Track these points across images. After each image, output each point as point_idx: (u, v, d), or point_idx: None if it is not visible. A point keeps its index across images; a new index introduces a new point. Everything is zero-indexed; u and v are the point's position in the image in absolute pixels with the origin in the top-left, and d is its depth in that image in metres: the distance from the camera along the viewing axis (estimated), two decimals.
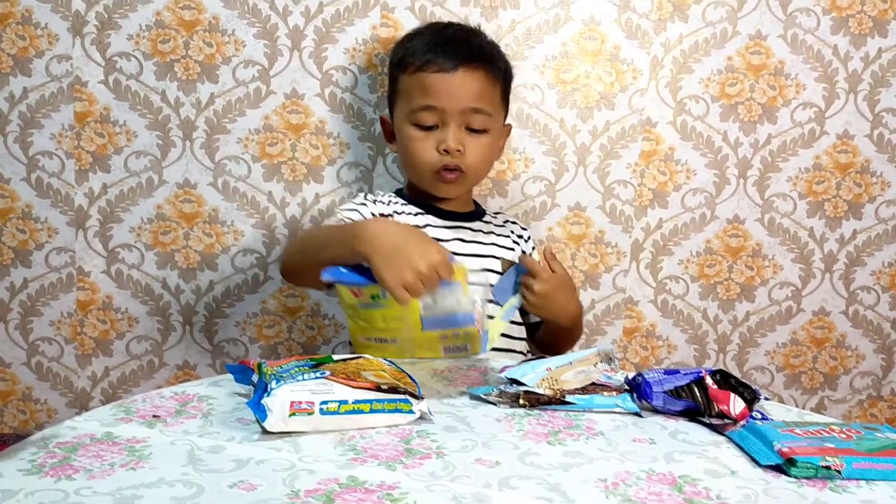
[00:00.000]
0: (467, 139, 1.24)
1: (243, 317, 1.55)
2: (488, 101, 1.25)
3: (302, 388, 0.80)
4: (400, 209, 1.30)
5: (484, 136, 1.26)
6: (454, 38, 1.27)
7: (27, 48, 1.43)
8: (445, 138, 1.23)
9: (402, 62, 1.27)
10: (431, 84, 1.22)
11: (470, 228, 1.32)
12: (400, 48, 1.30)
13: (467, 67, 1.23)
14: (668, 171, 1.54)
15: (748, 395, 0.89)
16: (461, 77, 1.22)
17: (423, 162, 1.25)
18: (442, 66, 1.22)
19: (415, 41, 1.28)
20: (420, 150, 1.25)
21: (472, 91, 1.23)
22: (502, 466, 0.74)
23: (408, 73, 1.25)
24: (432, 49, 1.24)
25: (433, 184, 1.28)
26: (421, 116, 1.24)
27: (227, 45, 1.45)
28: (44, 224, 1.49)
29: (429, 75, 1.22)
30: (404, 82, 1.26)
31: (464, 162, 1.24)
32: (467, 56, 1.23)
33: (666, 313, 1.60)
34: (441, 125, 1.24)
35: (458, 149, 1.23)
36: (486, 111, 1.25)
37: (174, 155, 1.48)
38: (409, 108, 1.25)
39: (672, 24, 1.49)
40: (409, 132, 1.25)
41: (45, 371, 1.54)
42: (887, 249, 1.60)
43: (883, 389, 1.67)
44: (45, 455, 0.71)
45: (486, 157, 1.29)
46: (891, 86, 1.54)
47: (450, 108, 1.22)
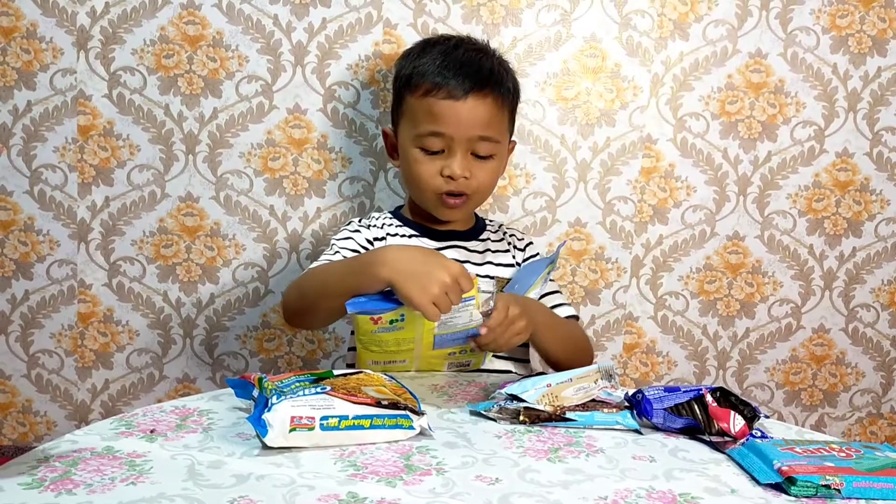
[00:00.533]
0: (473, 165, 1.22)
1: (244, 330, 1.55)
2: (496, 129, 1.23)
3: (302, 404, 0.80)
4: (394, 231, 1.29)
5: (490, 161, 1.24)
6: (465, 60, 1.22)
7: (32, 62, 1.44)
8: (451, 165, 1.20)
9: (409, 81, 1.23)
10: (440, 111, 1.19)
11: (465, 248, 1.31)
12: (407, 64, 1.25)
13: (477, 95, 1.19)
14: (669, 188, 1.55)
15: (748, 412, 0.89)
16: (470, 105, 1.19)
17: (427, 186, 1.22)
18: (451, 92, 1.18)
19: (424, 59, 1.23)
20: (424, 173, 1.22)
21: (481, 119, 1.20)
22: (502, 483, 0.74)
23: (416, 96, 1.21)
24: (442, 72, 1.19)
25: (436, 207, 1.26)
26: (427, 142, 1.20)
27: (230, 61, 1.46)
28: (46, 236, 1.49)
29: (438, 101, 1.19)
30: (411, 103, 1.22)
31: (469, 187, 1.22)
32: (477, 82, 1.19)
33: (666, 329, 1.60)
34: (447, 150, 1.21)
35: (464, 176, 1.21)
36: (494, 138, 1.22)
37: (177, 169, 1.48)
38: (415, 131, 1.21)
39: (673, 43, 1.50)
40: (414, 154, 1.22)
41: (45, 383, 1.54)
42: (887, 267, 1.61)
43: (883, 407, 1.67)
44: (45, 469, 0.71)
45: (491, 181, 1.27)
46: (890, 104, 1.55)
47: (458, 136, 1.19)
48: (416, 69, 1.23)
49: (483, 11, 1.47)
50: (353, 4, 1.45)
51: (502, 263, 1.32)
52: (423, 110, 1.20)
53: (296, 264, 1.53)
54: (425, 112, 1.20)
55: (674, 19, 1.49)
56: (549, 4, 1.48)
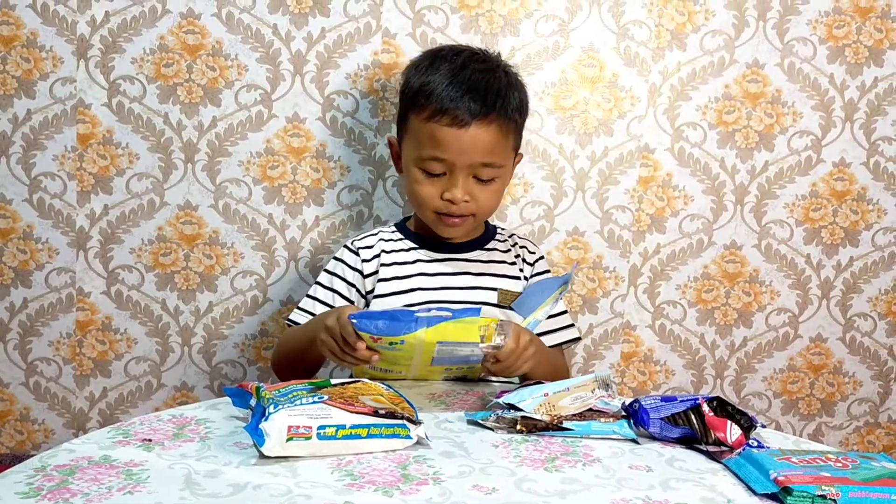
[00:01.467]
0: (475, 188, 1.22)
1: (242, 338, 1.55)
2: (499, 154, 1.22)
3: (300, 413, 0.80)
4: (391, 247, 1.30)
5: (493, 183, 1.23)
6: (471, 84, 1.20)
7: (31, 70, 1.44)
8: (452, 190, 1.20)
9: (415, 101, 1.21)
10: (443, 137, 1.18)
11: (465, 259, 1.30)
12: (414, 78, 1.24)
13: (480, 122, 1.18)
14: (666, 197, 1.55)
15: (745, 422, 0.89)
16: (474, 133, 1.18)
17: (428, 206, 1.23)
18: (455, 120, 1.17)
19: (431, 78, 1.21)
20: (425, 194, 1.22)
21: (484, 146, 1.19)
22: (499, 493, 0.74)
23: (420, 118, 1.20)
24: (448, 96, 1.18)
25: (435, 225, 1.26)
26: (429, 165, 1.21)
27: (229, 70, 1.46)
28: (44, 245, 1.50)
29: (441, 128, 1.18)
30: (415, 124, 1.21)
31: (469, 210, 1.22)
32: (482, 109, 1.18)
33: (664, 338, 1.60)
34: (448, 174, 1.20)
35: (464, 200, 1.21)
36: (497, 164, 1.21)
37: (176, 177, 1.49)
38: (417, 153, 1.21)
39: (670, 53, 1.51)
40: (416, 175, 1.22)
41: (44, 391, 1.54)
42: (884, 276, 1.61)
43: (880, 416, 1.67)
44: (42, 478, 0.71)
45: (495, 200, 1.26)
46: (887, 114, 1.56)
47: (459, 162, 1.19)
48: (422, 88, 1.21)
49: (482, 21, 1.48)
50: (352, 14, 1.46)
51: (507, 275, 1.30)
52: (426, 134, 1.19)
53: (294, 273, 1.53)
54: (428, 136, 1.19)
55: (671, 30, 1.50)
56: (548, 14, 1.49)
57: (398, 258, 1.29)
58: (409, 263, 1.28)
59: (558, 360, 1.30)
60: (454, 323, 0.95)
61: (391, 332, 0.94)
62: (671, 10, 1.50)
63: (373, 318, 0.96)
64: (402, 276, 1.27)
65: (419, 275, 1.27)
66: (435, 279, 1.27)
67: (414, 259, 1.29)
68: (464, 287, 1.27)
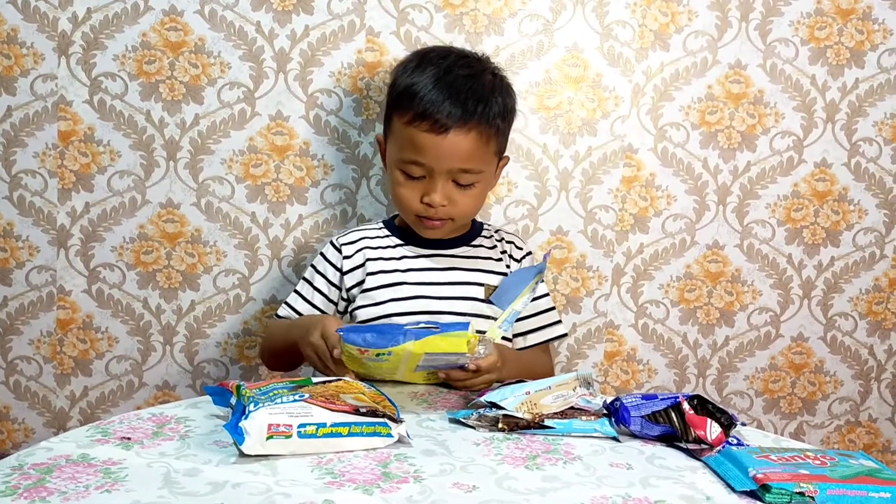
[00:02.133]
0: (454, 192, 1.22)
1: (224, 337, 1.54)
2: (478, 161, 1.22)
3: (280, 411, 0.80)
4: (377, 243, 1.30)
5: (472, 188, 1.24)
6: (454, 89, 1.19)
7: (12, 67, 1.43)
8: (431, 194, 1.21)
9: (399, 102, 1.22)
10: (421, 143, 1.19)
11: (451, 255, 1.31)
12: (401, 78, 1.24)
13: (459, 129, 1.18)
14: (649, 197, 1.56)
15: (725, 420, 0.89)
16: (452, 140, 1.18)
17: (408, 208, 1.24)
18: (433, 126, 1.18)
19: (416, 80, 1.21)
20: (405, 196, 1.24)
21: (462, 153, 1.19)
22: (480, 491, 0.74)
23: (402, 121, 1.21)
24: (429, 100, 1.18)
25: (417, 226, 1.27)
26: (409, 168, 1.21)
27: (212, 67, 1.46)
28: (25, 242, 1.48)
29: (420, 133, 1.18)
30: (397, 126, 1.22)
31: (449, 213, 1.23)
32: (462, 116, 1.18)
33: (646, 337, 1.61)
34: (428, 177, 1.21)
35: (443, 204, 1.21)
36: (476, 170, 1.22)
37: (158, 175, 1.48)
38: (398, 155, 1.22)
39: (653, 53, 1.51)
40: (397, 176, 1.24)
41: (24, 390, 1.53)
42: (864, 276, 1.62)
43: (861, 415, 1.68)
44: (19, 476, 0.70)
45: (475, 205, 1.27)
46: (868, 115, 1.57)
47: (438, 167, 1.20)
48: (406, 90, 1.21)
49: (466, 20, 1.48)
50: (335, 12, 1.45)
51: (493, 271, 1.31)
52: (406, 138, 1.20)
53: (277, 271, 1.52)
54: (408, 140, 1.20)
55: (654, 30, 1.51)
56: (532, 14, 1.49)
57: (384, 254, 1.30)
58: (396, 259, 1.29)
59: (538, 365, 1.31)
60: (442, 336, 0.96)
61: (379, 345, 0.95)
62: (655, 11, 1.50)
63: (359, 331, 0.97)
64: (389, 269, 1.28)
65: (407, 270, 1.28)
66: (421, 274, 1.28)
67: (400, 255, 1.29)
68: (450, 282, 1.28)
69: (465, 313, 1.25)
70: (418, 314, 1.22)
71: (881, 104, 1.57)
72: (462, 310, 1.25)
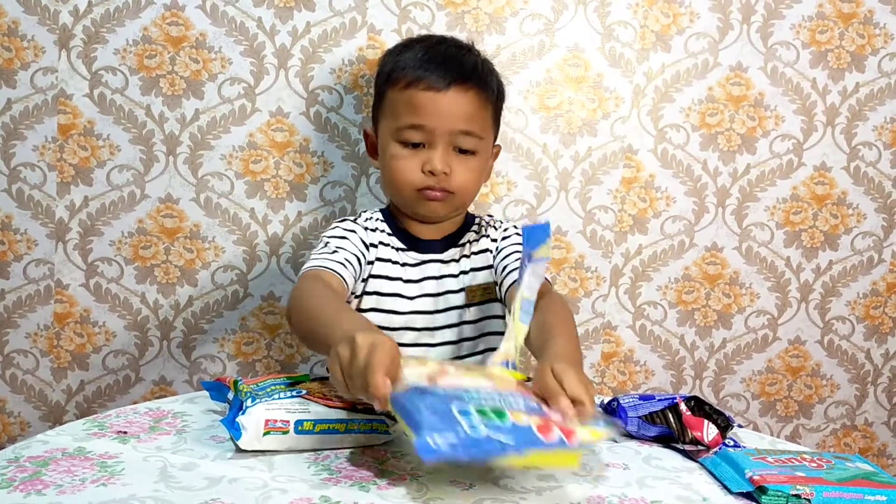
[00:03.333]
0: (455, 161, 1.17)
1: (222, 333, 1.54)
2: (478, 124, 1.19)
3: (277, 407, 0.80)
4: (386, 240, 1.23)
5: (473, 158, 1.19)
6: (447, 54, 1.20)
7: (12, 60, 1.43)
8: (432, 159, 1.16)
9: (390, 76, 1.20)
10: (420, 102, 1.15)
11: (440, 260, 1.24)
12: (389, 60, 1.23)
13: (459, 87, 1.16)
14: (649, 198, 1.56)
15: (722, 422, 0.90)
16: (452, 97, 1.15)
17: (406, 181, 1.18)
18: (433, 84, 1.15)
19: (405, 54, 1.20)
20: (404, 168, 1.17)
21: (463, 112, 1.16)
22: (476, 489, 0.74)
23: (396, 89, 1.18)
24: (424, 65, 1.17)
25: (416, 203, 1.20)
26: (407, 134, 1.17)
27: (213, 62, 1.45)
28: (23, 236, 1.48)
29: (418, 93, 1.15)
30: (391, 97, 1.19)
31: (450, 184, 1.17)
32: (460, 75, 1.16)
33: (644, 339, 1.61)
34: (428, 145, 1.17)
35: (444, 171, 1.16)
36: (477, 133, 1.18)
37: (157, 170, 1.48)
38: (395, 124, 1.18)
39: (654, 54, 1.51)
40: (394, 150, 1.18)
41: (20, 384, 1.53)
42: (862, 280, 1.63)
43: (857, 419, 1.68)
44: (15, 469, 0.70)
45: (474, 180, 1.22)
46: (868, 120, 1.57)
47: (439, 128, 1.15)
48: (397, 63, 1.20)
49: (467, 19, 1.48)
50: (337, 9, 1.45)
51: (479, 267, 1.25)
52: (403, 102, 1.17)
53: (276, 268, 1.52)
54: (406, 104, 1.16)
55: (656, 31, 1.51)
56: (533, 14, 1.49)
57: (391, 255, 1.23)
58: (399, 265, 1.22)
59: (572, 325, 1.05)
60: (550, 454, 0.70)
61: (472, 456, 0.67)
62: (656, 12, 1.50)
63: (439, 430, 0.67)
64: (393, 276, 1.22)
65: (407, 281, 1.22)
66: (420, 285, 1.22)
67: (403, 262, 1.23)
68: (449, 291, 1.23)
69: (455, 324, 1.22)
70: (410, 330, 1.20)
71: (881, 108, 1.57)
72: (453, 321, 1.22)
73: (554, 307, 1.04)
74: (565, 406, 0.73)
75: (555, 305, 1.05)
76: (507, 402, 0.72)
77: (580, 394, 0.75)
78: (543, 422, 0.68)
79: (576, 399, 0.74)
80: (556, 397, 0.74)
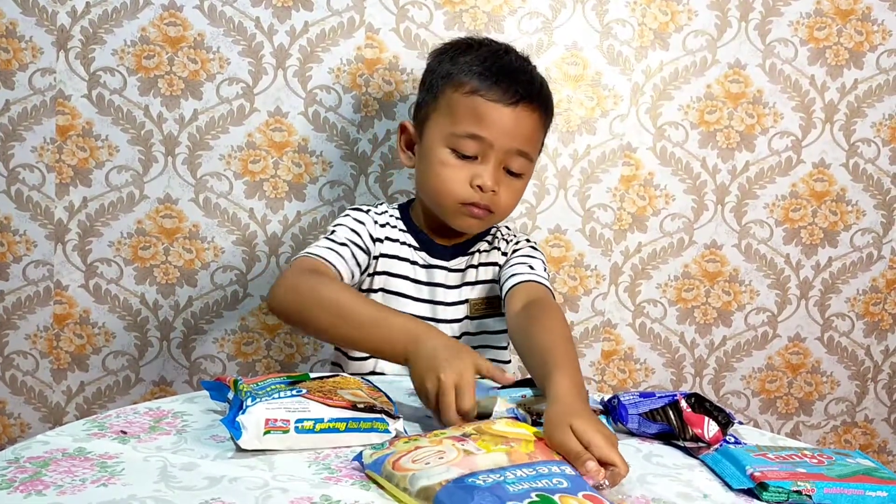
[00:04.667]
0: (503, 180, 1.13)
1: (222, 333, 1.54)
2: (534, 146, 1.15)
3: (278, 406, 0.79)
4: (396, 235, 1.20)
5: (519, 180, 1.15)
6: (518, 68, 1.14)
7: (10, 61, 1.43)
8: (482, 175, 1.10)
9: (451, 76, 1.12)
10: (486, 112, 1.09)
11: (447, 268, 1.21)
12: (447, 59, 1.15)
13: (526, 106, 1.11)
14: (648, 196, 1.56)
15: (722, 418, 0.89)
16: (518, 114, 1.10)
17: (452, 192, 1.12)
18: (502, 97, 1.09)
19: (469, 57, 1.13)
20: (452, 178, 1.11)
21: (526, 132, 1.12)
22: None
23: (461, 91, 1.11)
24: (494, 75, 1.10)
25: (455, 216, 1.14)
26: (464, 143, 1.10)
27: (211, 63, 1.45)
28: (22, 237, 1.48)
29: (486, 103, 1.09)
30: (454, 98, 1.11)
31: (494, 203, 1.13)
32: (529, 93, 1.11)
33: (644, 337, 1.61)
34: (480, 158, 1.11)
35: (493, 189, 1.11)
36: (530, 156, 1.14)
37: (156, 170, 1.48)
38: (451, 129, 1.11)
39: (653, 52, 1.51)
40: (444, 156, 1.12)
41: (20, 385, 1.53)
42: (862, 277, 1.63)
43: (857, 416, 1.68)
44: (15, 470, 0.70)
45: (515, 201, 1.18)
46: (866, 116, 1.57)
47: (497, 143, 1.10)
48: (460, 64, 1.13)
49: (465, 17, 1.48)
50: (335, 8, 1.45)
51: (485, 280, 1.23)
52: (467, 108, 1.10)
53: (275, 268, 1.52)
54: (469, 110, 1.10)
55: (654, 29, 1.51)
56: (531, 12, 1.49)
57: (401, 252, 1.20)
58: (409, 263, 1.20)
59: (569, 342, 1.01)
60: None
61: None
62: (654, 10, 1.50)
63: None
64: (402, 275, 1.20)
65: (415, 281, 1.20)
66: (425, 289, 1.20)
67: (413, 260, 1.20)
68: (447, 302, 1.21)
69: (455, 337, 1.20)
70: None
71: (880, 105, 1.57)
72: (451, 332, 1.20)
73: (553, 324, 1.00)
74: (594, 471, 0.71)
75: (554, 322, 1.01)
76: (549, 481, 0.67)
77: (613, 457, 0.72)
78: (594, 501, 0.66)
79: (607, 462, 0.72)
80: (583, 460, 0.71)
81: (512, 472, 0.69)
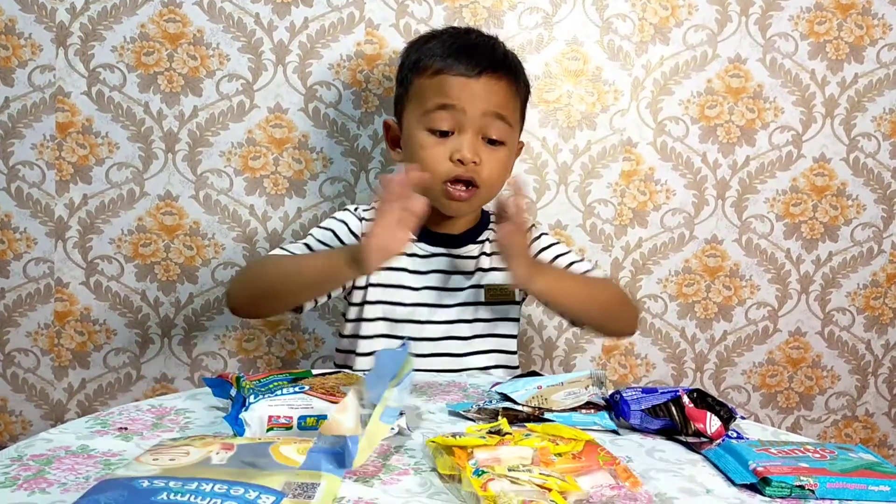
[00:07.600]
0: (484, 151, 1.14)
1: (223, 330, 1.54)
2: (509, 111, 1.16)
3: (280, 403, 0.80)
4: None
5: (501, 148, 1.16)
6: (478, 43, 1.17)
7: (10, 58, 1.43)
8: (461, 147, 1.12)
9: (417, 64, 1.16)
10: (452, 85, 1.12)
11: (457, 255, 1.23)
12: (414, 51, 1.20)
13: (491, 75, 1.13)
14: (648, 191, 1.56)
15: (724, 413, 0.89)
16: (484, 83, 1.13)
17: (435, 171, 1.12)
18: (464, 70, 1.12)
19: (432, 43, 1.18)
20: (431, 157, 1.13)
21: (497, 99, 1.14)
22: None
23: (425, 76, 1.14)
24: (454, 53, 1.14)
25: (441, 199, 1.16)
26: (436, 117, 1.13)
27: (211, 59, 1.45)
28: (23, 234, 1.48)
29: (451, 77, 1.13)
30: (419, 85, 1.15)
31: (478, 175, 1.14)
32: (491, 63, 1.14)
33: (644, 332, 1.61)
34: (457, 132, 1.13)
35: (473, 160, 1.12)
36: (508, 120, 1.15)
37: (156, 167, 1.48)
38: (422, 109, 1.14)
39: (653, 47, 1.51)
40: (421, 138, 1.14)
41: (21, 382, 1.53)
42: (862, 271, 1.63)
43: (857, 410, 1.69)
44: (19, 468, 0.70)
45: (501, 173, 1.18)
46: (867, 111, 1.57)
47: (470, 110, 1.12)
48: (424, 52, 1.17)
49: (465, 13, 1.47)
50: (335, 4, 1.45)
51: (498, 268, 1.22)
52: (432, 87, 1.13)
53: None
54: (435, 88, 1.13)
55: (654, 24, 1.50)
56: (531, 7, 1.48)
57: None
58: (406, 255, 1.20)
59: (597, 289, 1.19)
60: None
61: None
62: (655, 5, 1.50)
63: None
64: (397, 268, 1.21)
65: (413, 272, 1.21)
66: (426, 277, 1.22)
67: (411, 252, 1.21)
68: (454, 288, 1.22)
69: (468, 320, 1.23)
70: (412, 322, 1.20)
71: (880, 99, 1.57)
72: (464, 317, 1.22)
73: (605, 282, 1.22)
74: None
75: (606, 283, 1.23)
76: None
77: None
78: None
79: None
80: None
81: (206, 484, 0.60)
